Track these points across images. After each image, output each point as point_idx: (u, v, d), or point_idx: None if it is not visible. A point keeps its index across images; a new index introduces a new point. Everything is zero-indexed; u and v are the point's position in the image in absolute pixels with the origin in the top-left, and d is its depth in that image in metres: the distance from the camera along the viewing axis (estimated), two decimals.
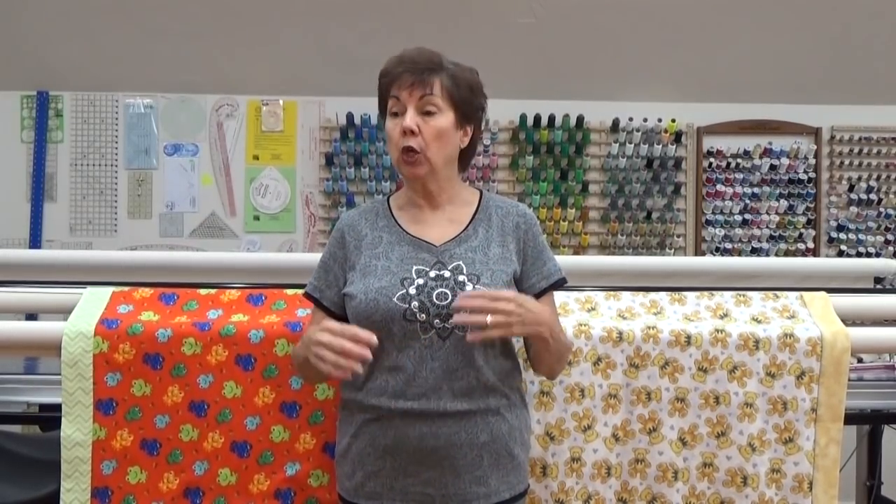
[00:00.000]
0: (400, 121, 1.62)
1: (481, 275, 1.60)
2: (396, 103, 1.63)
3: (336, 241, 1.72)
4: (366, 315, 1.58)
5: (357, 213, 1.75)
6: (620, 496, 1.91)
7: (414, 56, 1.64)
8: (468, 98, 1.67)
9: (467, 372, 1.58)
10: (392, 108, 1.64)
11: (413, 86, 1.61)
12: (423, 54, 1.65)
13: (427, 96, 1.62)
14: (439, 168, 1.66)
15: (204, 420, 1.85)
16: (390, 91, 1.64)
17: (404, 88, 1.62)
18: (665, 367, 1.91)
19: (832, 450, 1.92)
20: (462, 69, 1.67)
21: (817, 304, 2.02)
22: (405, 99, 1.62)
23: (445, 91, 1.63)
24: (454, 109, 1.65)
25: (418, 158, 1.62)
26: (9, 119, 4.08)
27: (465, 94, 1.66)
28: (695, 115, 4.14)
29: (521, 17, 3.81)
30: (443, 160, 1.66)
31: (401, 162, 1.64)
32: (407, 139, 1.61)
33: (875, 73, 4.05)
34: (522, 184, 4.11)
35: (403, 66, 1.63)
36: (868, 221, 4.17)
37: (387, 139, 1.67)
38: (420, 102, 1.62)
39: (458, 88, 1.65)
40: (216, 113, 4.13)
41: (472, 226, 1.68)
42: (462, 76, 1.66)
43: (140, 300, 1.94)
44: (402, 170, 1.65)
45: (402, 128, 1.61)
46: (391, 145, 1.66)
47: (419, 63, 1.63)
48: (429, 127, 1.62)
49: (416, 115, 1.61)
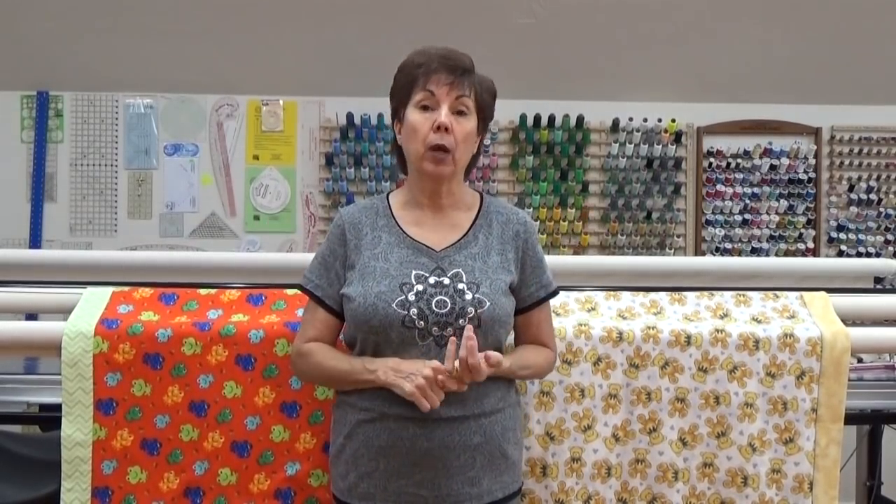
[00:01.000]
0: (431, 115, 1.59)
1: (481, 283, 1.60)
2: (429, 97, 1.60)
3: (337, 238, 1.69)
4: (364, 320, 1.58)
5: (357, 209, 1.72)
6: (620, 496, 1.91)
7: (445, 54, 1.61)
8: (490, 105, 1.68)
9: None
10: (422, 100, 1.60)
11: (452, 84, 1.59)
12: (454, 53, 1.62)
13: (463, 97, 1.60)
14: (460, 170, 1.65)
15: (204, 420, 1.85)
16: (424, 84, 1.60)
17: (442, 85, 1.59)
18: (665, 367, 1.91)
19: (832, 450, 1.92)
20: (484, 77, 1.67)
21: (817, 304, 2.02)
22: (441, 95, 1.59)
23: (475, 95, 1.63)
24: (478, 114, 1.64)
25: (447, 158, 1.60)
26: (9, 119, 4.08)
27: (488, 101, 1.66)
28: (695, 115, 4.14)
29: (521, 17, 3.81)
30: (464, 163, 1.65)
31: (425, 158, 1.60)
32: (441, 136, 1.58)
33: (875, 73, 4.05)
34: (522, 184, 4.11)
35: (439, 61, 1.60)
36: (868, 221, 4.17)
37: (408, 131, 1.62)
38: (455, 102, 1.60)
39: (483, 94, 1.65)
40: (216, 113, 4.13)
41: (473, 232, 1.67)
42: (486, 83, 1.66)
43: (140, 300, 1.94)
44: (426, 166, 1.61)
45: (437, 123, 1.58)
46: (415, 138, 1.61)
47: (454, 61, 1.60)
48: (461, 127, 1.60)
49: (450, 113, 1.60)
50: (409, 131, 1.62)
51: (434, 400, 1.50)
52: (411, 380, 1.50)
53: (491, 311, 1.58)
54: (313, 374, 1.68)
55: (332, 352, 1.67)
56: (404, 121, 1.63)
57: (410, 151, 1.64)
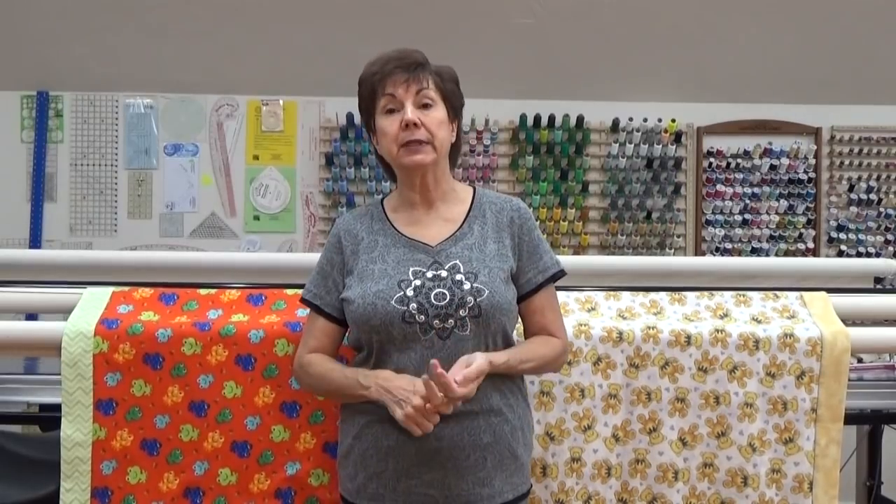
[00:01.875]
0: (398, 116, 1.62)
1: (478, 272, 1.60)
2: (391, 100, 1.63)
3: (333, 246, 1.71)
4: (364, 319, 1.58)
5: (352, 217, 1.75)
6: (620, 496, 1.91)
7: (397, 54, 1.65)
8: (455, 91, 1.70)
9: None
10: (386, 105, 1.64)
11: (408, 81, 1.62)
12: (405, 51, 1.66)
13: (423, 90, 1.63)
14: (441, 157, 1.66)
15: (204, 420, 1.85)
16: (383, 89, 1.63)
17: (399, 84, 1.62)
18: (665, 367, 1.91)
19: (832, 450, 1.92)
20: (441, 66, 1.70)
21: (817, 304, 2.02)
22: (402, 95, 1.62)
23: (436, 85, 1.65)
24: (445, 102, 1.67)
25: (425, 147, 1.62)
26: (9, 119, 4.08)
27: (451, 88, 1.69)
28: (695, 115, 4.14)
29: (521, 17, 3.81)
30: (445, 149, 1.67)
31: (402, 154, 1.62)
32: (411, 132, 1.61)
33: (875, 73, 4.05)
34: (522, 184, 4.11)
35: (392, 63, 1.63)
36: (868, 221, 4.16)
37: (380, 137, 1.66)
38: (417, 97, 1.63)
39: (445, 82, 1.67)
40: (216, 113, 4.13)
41: (467, 223, 1.68)
42: (446, 71, 1.69)
43: (140, 300, 1.94)
44: (405, 160, 1.63)
45: (404, 122, 1.60)
46: (388, 141, 1.64)
47: (406, 59, 1.64)
48: (430, 118, 1.63)
49: (415, 108, 1.62)
50: (381, 136, 1.66)
51: (426, 426, 1.50)
52: (402, 406, 1.50)
53: (490, 298, 1.58)
54: (316, 387, 1.70)
55: (331, 363, 1.67)
56: (376, 129, 1.67)
57: (387, 154, 1.67)
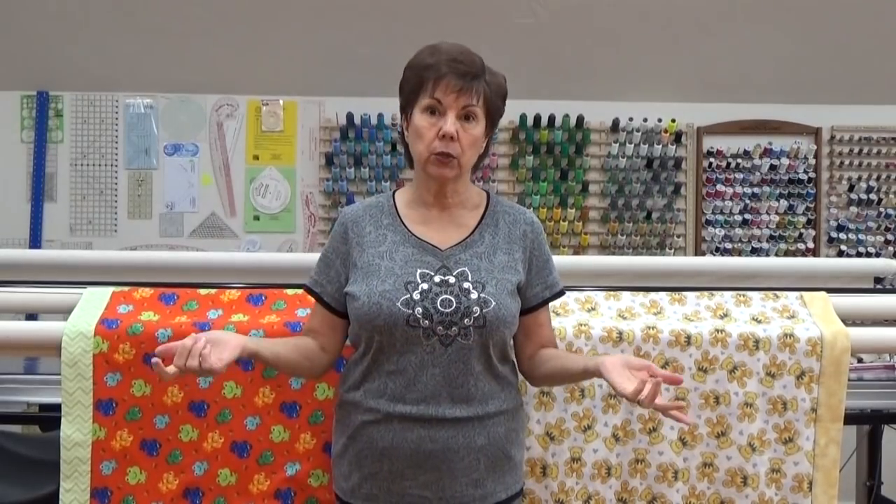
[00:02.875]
0: (436, 120, 1.58)
1: (486, 283, 1.59)
2: (436, 104, 1.58)
3: (339, 235, 1.69)
4: (368, 318, 1.57)
5: (360, 207, 1.71)
6: (620, 496, 1.91)
7: (455, 55, 1.58)
8: (500, 108, 1.65)
9: (467, 379, 1.57)
10: (429, 105, 1.58)
11: (460, 91, 1.56)
12: (465, 55, 1.59)
13: (471, 106, 1.58)
14: (465, 172, 1.64)
15: (204, 420, 1.85)
16: (432, 90, 1.57)
17: (450, 92, 1.56)
18: (665, 367, 1.91)
19: (832, 450, 1.92)
20: (495, 76, 1.63)
21: (817, 304, 2.02)
22: (448, 103, 1.57)
23: (484, 100, 1.60)
24: (487, 117, 1.62)
25: (452, 162, 1.58)
26: (9, 119, 4.08)
27: (497, 104, 1.64)
28: (695, 115, 4.14)
29: (521, 17, 3.81)
30: (470, 165, 1.64)
31: (430, 161, 1.59)
32: (446, 145, 1.57)
33: (875, 73, 4.05)
34: (522, 184, 4.11)
35: (448, 65, 1.56)
36: (868, 221, 4.16)
37: (413, 133, 1.61)
38: (462, 110, 1.58)
39: (493, 97, 1.62)
40: (216, 113, 4.13)
41: (479, 231, 1.67)
42: (497, 84, 1.63)
43: (140, 300, 1.93)
44: (430, 169, 1.60)
45: (442, 132, 1.56)
46: (420, 142, 1.59)
47: (463, 64, 1.57)
48: (467, 135, 1.58)
49: (457, 120, 1.57)
50: (414, 134, 1.61)
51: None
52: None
53: (496, 310, 1.57)
54: None
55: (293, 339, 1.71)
56: (411, 121, 1.62)
57: (415, 154, 1.63)
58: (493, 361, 1.61)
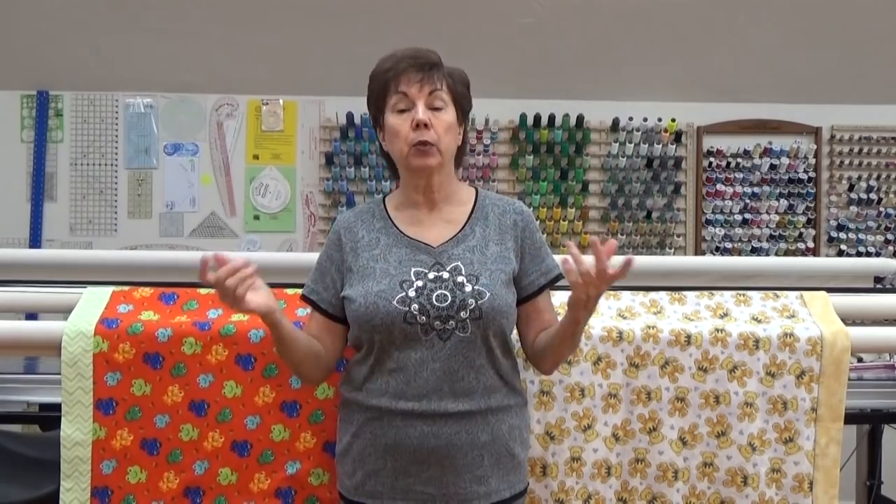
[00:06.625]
0: (409, 115, 1.62)
1: (480, 275, 1.61)
2: (403, 99, 1.62)
3: (332, 243, 1.72)
4: (366, 319, 1.58)
5: (353, 214, 1.75)
6: (620, 496, 1.91)
7: (412, 53, 1.64)
8: (465, 95, 1.70)
9: (468, 373, 1.58)
10: (397, 104, 1.63)
11: (422, 81, 1.62)
12: (420, 51, 1.65)
13: (436, 91, 1.63)
14: (447, 161, 1.66)
15: (204, 419, 1.85)
16: (395, 87, 1.63)
17: (413, 84, 1.61)
18: (665, 366, 1.91)
19: (832, 449, 1.92)
20: (454, 68, 1.69)
21: (817, 303, 2.02)
22: (414, 94, 1.62)
23: (448, 87, 1.65)
24: (455, 105, 1.66)
25: (431, 149, 1.61)
26: (9, 119, 4.08)
27: (462, 91, 1.69)
28: (695, 115, 4.14)
29: (521, 17, 3.81)
30: (450, 154, 1.67)
31: (411, 155, 1.62)
32: (421, 133, 1.60)
33: (875, 73, 4.05)
34: (522, 184, 4.11)
35: (406, 61, 1.62)
36: (868, 221, 4.16)
37: (390, 135, 1.66)
38: (429, 98, 1.62)
39: (457, 85, 1.67)
40: (216, 112, 4.13)
41: (469, 225, 1.68)
42: (458, 74, 1.69)
43: (140, 300, 1.93)
44: (413, 162, 1.63)
45: (415, 122, 1.60)
46: (398, 140, 1.63)
47: (421, 58, 1.63)
48: (439, 121, 1.62)
49: (427, 109, 1.62)
50: (390, 135, 1.65)
51: None
52: None
53: (491, 301, 1.58)
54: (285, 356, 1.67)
55: None
56: (385, 127, 1.67)
57: (395, 153, 1.66)
58: (496, 354, 1.62)
